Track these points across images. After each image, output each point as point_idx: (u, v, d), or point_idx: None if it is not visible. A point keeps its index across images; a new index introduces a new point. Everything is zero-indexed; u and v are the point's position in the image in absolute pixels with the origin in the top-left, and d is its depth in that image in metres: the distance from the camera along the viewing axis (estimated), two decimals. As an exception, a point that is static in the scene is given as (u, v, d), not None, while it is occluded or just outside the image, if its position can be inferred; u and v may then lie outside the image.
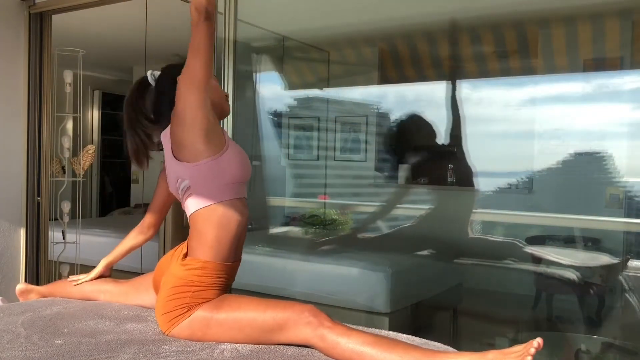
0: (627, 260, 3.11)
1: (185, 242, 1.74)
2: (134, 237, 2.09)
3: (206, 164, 1.59)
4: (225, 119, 2.72)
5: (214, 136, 1.60)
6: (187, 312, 1.55)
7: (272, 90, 4.71)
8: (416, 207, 4.07)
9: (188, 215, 1.66)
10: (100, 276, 2.05)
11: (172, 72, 1.68)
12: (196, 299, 1.56)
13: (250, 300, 1.55)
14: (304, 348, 1.49)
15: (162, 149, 1.73)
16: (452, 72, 4.24)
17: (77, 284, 2.02)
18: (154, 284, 1.81)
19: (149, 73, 1.75)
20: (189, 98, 1.55)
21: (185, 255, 1.67)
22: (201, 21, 1.49)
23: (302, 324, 1.46)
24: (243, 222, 1.66)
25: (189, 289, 1.57)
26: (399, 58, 4.64)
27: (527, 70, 4.03)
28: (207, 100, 1.56)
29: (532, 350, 1.29)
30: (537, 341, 1.30)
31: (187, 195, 1.64)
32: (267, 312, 1.50)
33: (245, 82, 3.84)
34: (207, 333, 1.54)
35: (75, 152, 3.72)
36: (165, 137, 1.68)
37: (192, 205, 1.63)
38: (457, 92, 3.91)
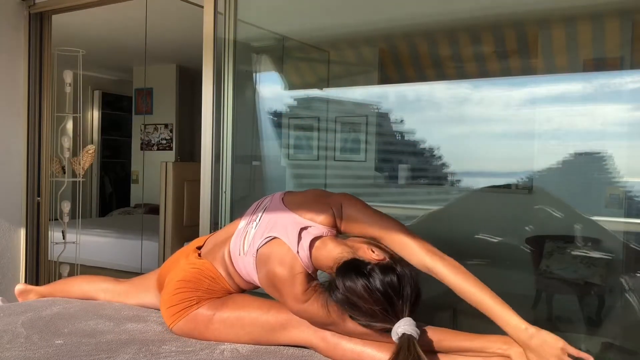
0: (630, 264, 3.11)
1: (199, 239, 1.76)
2: None
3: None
4: (225, 119, 2.73)
5: None
6: (195, 304, 1.56)
7: (272, 90, 4.70)
8: (416, 207, 4.07)
9: (231, 241, 1.62)
10: None
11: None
12: (206, 294, 1.58)
13: (254, 300, 1.56)
14: (305, 349, 1.49)
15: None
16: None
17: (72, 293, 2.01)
18: (159, 282, 1.81)
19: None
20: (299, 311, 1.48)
21: (199, 247, 1.69)
22: None
23: (305, 325, 1.46)
24: None
25: (200, 285, 1.59)
26: (399, 58, 4.63)
27: (527, 70, 4.03)
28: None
29: None
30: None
31: (239, 251, 1.59)
32: (270, 312, 1.51)
33: (245, 82, 3.83)
34: (210, 329, 1.55)
35: (75, 152, 3.73)
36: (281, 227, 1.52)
37: (235, 256, 1.60)
38: (446, 93, 3.90)
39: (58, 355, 1.42)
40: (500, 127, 3.88)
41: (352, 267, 1.38)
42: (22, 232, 3.27)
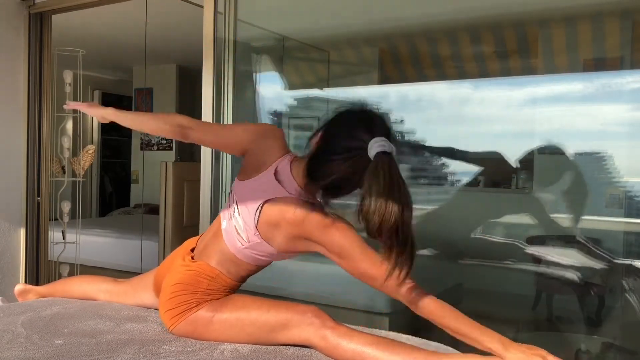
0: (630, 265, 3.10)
1: (192, 240, 1.75)
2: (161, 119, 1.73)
3: (280, 253, 1.58)
4: (225, 119, 2.72)
5: None
6: (194, 307, 1.56)
7: (272, 90, 4.70)
8: (416, 207, 4.07)
9: (227, 243, 1.60)
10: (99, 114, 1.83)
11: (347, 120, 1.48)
12: (205, 297, 1.57)
13: (253, 300, 1.56)
14: (305, 348, 1.49)
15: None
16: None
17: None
18: (155, 284, 1.80)
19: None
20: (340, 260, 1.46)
21: (193, 249, 1.69)
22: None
23: (305, 325, 1.46)
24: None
25: (198, 288, 1.58)
26: (399, 58, 4.64)
27: (527, 70, 4.03)
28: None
29: None
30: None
31: (241, 243, 1.57)
32: (270, 312, 1.51)
33: (245, 82, 3.83)
34: (209, 331, 1.54)
35: (75, 152, 3.72)
36: (279, 189, 1.52)
37: (238, 250, 1.58)
38: (447, 93, 3.91)
39: (58, 355, 1.42)
40: (500, 127, 3.88)
41: (313, 160, 1.48)
42: (22, 232, 3.27)
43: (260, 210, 1.52)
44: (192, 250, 1.72)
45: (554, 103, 3.66)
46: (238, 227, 1.57)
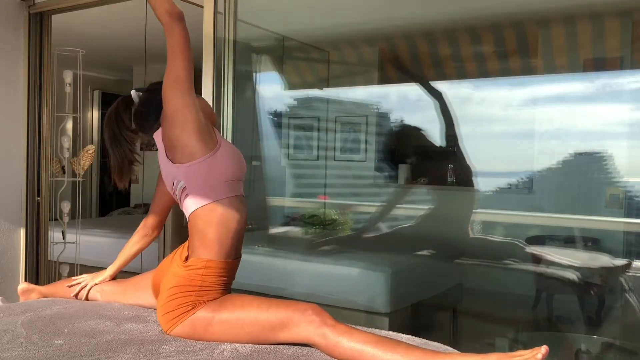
0: (630, 264, 3.10)
1: (186, 244, 1.75)
2: (138, 240, 2.05)
3: (199, 164, 1.60)
4: (225, 119, 2.73)
5: (206, 136, 1.61)
6: (190, 310, 1.56)
7: (272, 90, 4.70)
8: (416, 207, 4.07)
9: (187, 216, 1.66)
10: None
11: (158, 87, 1.70)
12: (201, 297, 1.57)
13: (252, 299, 1.56)
14: (305, 348, 1.49)
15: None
16: (445, 73, 4.26)
17: (74, 291, 2.00)
18: (154, 287, 1.81)
19: (133, 92, 1.81)
20: (176, 100, 1.56)
21: (187, 258, 1.67)
22: (174, 23, 1.54)
23: (305, 322, 1.46)
24: (242, 219, 1.67)
25: (192, 288, 1.58)
26: (399, 58, 4.64)
27: (527, 70, 4.03)
28: (194, 100, 1.58)
29: (539, 356, 1.29)
30: (545, 348, 1.30)
31: (184, 196, 1.64)
32: (270, 310, 1.51)
33: (245, 82, 3.83)
34: (209, 331, 1.54)
35: (75, 152, 3.72)
36: (157, 137, 1.69)
37: (190, 205, 1.64)
38: (447, 93, 3.91)
39: (58, 355, 1.42)
40: (500, 127, 3.89)
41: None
42: (22, 232, 3.26)
43: (166, 155, 1.65)
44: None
45: (554, 103, 3.66)
46: (177, 189, 1.65)
